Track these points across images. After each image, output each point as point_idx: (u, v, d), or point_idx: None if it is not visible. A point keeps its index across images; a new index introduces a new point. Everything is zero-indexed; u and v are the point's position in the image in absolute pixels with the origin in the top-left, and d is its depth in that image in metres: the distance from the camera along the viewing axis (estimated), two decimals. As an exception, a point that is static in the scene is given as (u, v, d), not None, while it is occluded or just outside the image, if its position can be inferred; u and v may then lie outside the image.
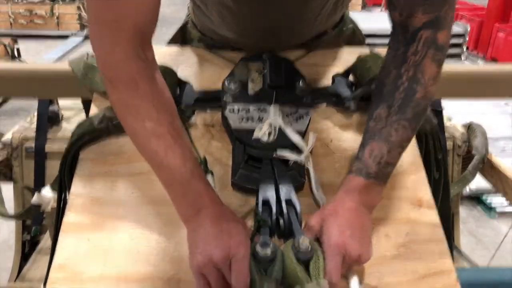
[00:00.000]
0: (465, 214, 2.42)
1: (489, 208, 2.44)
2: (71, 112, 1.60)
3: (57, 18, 4.74)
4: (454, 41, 4.33)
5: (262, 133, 0.67)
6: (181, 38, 0.88)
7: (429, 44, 0.59)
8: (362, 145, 0.62)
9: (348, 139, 0.74)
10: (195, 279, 0.56)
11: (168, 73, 0.71)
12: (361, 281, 0.59)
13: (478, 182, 2.24)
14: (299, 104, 0.72)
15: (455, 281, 0.60)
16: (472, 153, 1.52)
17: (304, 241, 0.56)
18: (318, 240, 0.58)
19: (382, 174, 0.60)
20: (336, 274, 0.55)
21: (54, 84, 0.85)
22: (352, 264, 0.58)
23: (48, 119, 1.61)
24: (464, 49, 4.47)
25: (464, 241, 1.86)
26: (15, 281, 1.57)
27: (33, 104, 1.60)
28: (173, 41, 0.89)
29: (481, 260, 1.76)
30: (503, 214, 2.41)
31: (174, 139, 0.57)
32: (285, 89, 0.73)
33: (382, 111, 0.61)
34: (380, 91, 0.62)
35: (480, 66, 1.00)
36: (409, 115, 0.59)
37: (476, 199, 2.53)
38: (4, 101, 3.19)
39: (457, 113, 1.77)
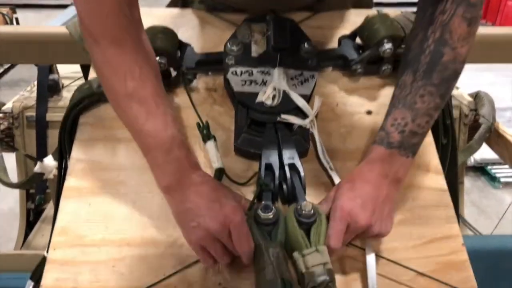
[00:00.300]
0: (469, 185, 2.42)
1: (493, 179, 2.43)
2: (72, 81, 1.58)
3: (57, -14, 4.64)
4: (462, 9, 4.22)
5: (266, 96, 0.65)
6: (181, 0, 0.85)
7: (459, 1, 0.54)
8: (386, 115, 0.59)
9: (354, 103, 0.72)
10: (197, 253, 0.54)
11: (169, 35, 0.69)
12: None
13: (483, 153, 2.23)
14: (304, 67, 0.69)
15: (461, 246, 0.60)
16: (479, 122, 1.50)
17: (307, 206, 0.55)
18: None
19: (407, 144, 0.57)
20: (335, 239, 0.53)
21: (52, 49, 0.83)
22: (361, 235, 0.56)
23: (49, 88, 1.59)
24: (473, 18, 4.37)
25: (467, 211, 1.87)
26: (20, 249, 1.59)
27: (34, 75, 1.59)
28: (173, 4, 0.86)
29: (484, 230, 1.76)
30: (507, 185, 2.40)
31: (157, 105, 0.54)
32: (290, 52, 0.70)
33: (407, 78, 0.58)
34: (406, 57, 0.59)
35: (492, 28, 0.96)
36: (436, 80, 0.56)
37: (481, 169, 2.53)
38: (5, 72, 3.17)
39: (464, 84, 1.74)
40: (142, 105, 0.54)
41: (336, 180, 0.63)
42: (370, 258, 0.56)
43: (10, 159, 1.59)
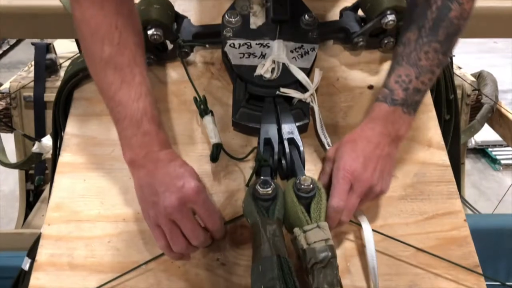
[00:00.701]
0: (470, 166, 2.42)
1: (493, 161, 2.43)
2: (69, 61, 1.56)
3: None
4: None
5: (264, 69, 0.63)
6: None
7: None
8: (389, 72, 0.58)
9: (355, 77, 0.70)
10: (151, 230, 0.52)
11: (165, 6, 0.67)
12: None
13: (484, 135, 2.22)
14: (305, 40, 0.67)
15: (463, 222, 0.58)
16: (481, 102, 1.48)
17: (306, 180, 0.53)
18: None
19: (411, 101, 0.56)
20: (338, 199, 0.52)
21: (46, 23, 0.81)
22: (363, 195, 0.54)
23: (46, 67, 1.57)
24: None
25: (467, 192, 1.87)
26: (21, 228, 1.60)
27: (32, 56, 1.56)
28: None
29: (484, 211, 1.76)
30: (507, 167, 2.40)
31: (133, 75, 0.52)
32: (290, 24, 0.68)
33: (411, 34, 0.56)
34: (411, 13, 0.58)
35: (496, 1, 0.94)
36: (441, 37, 0.55)
37: (481, 151, 2.52)
38: (3, 54, 3.14)
39: (465, 65, 1.72)
40: (117, 73, 0.52)
41: None
42: (368, 234, 0.55)
43: (8, 140, 1.58)
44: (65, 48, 1.62)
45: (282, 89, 0.63)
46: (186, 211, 0.50)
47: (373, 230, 0.56)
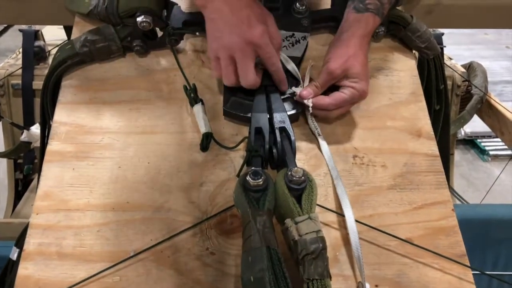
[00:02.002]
0: (459, 157, 2.44)
1: (482, 152, 2.46)
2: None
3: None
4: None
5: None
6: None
7: None
8: None
9: (346, 67, 0.70)
10: (211, 61, 0.60)
11: (154, -8, 0.66)
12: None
13: (473, 126, 2.24)
14: (296, 28, 0.67)
15: (451, 211, 0.59)
16: (471, 93, 1.49)
17: (298, 172, 0.53)
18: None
19: (381, 9, 0.64)
20: (316, 87, 0.62)
21: (32, 7, 0.79)
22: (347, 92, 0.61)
23: (34, 55, 1.55)
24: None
25: (456, 183, 1.88)
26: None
27: (20, 44, 1.53)
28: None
29: (473, 201, 1.78)
30: (496, 157, 2.43)
31: None
32: (281, 12, 0.67)
33: None
34: None
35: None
36: None
37: (470, 142, 2.54)
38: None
39: (456, 56, 1.72)
40: None
41: (323, 146, 0.62)
42: (351, 224, 0.55)
43: (-4, 131, 1.56)
44: (53, 36, 1.60)
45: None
46: (248, 52, 0.57)
47: (358, 221, 0.56)
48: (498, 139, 1.66)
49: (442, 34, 1.43)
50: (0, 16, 0.80)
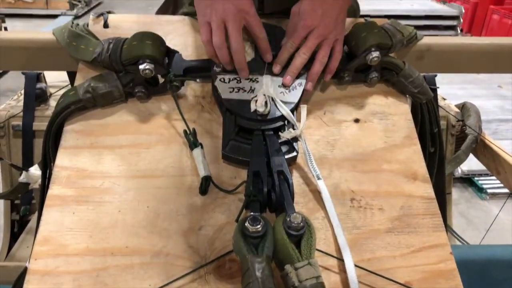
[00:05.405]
0: (457, 195, 2.44)
1: (480, 190, 2.46)
2: (59, 90, 1.56)
3: (46, -4, 4.64)
4: (448, 23, 4.31)
5: (259, 104, 0.65)
6: (173, 2, 0.86)
7: None
8: None
9: (342, 111, 0.72)
10: (200, 26, 0.67)
11: (156, 41, 0.69)
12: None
13: (470, 165, 2.25)
14: (292, 74, 0.69)
15: (449, 254, 0.59)
16: (465, 133, 1.51)
17: (296, 218, 0.54)
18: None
19: None
20: (292, 42, 0.67)
21: (38, 56, 0.82)
22: (320, 39, 0.67)
23: (36, 97, 1.57)
24: (459, 31, 4.45)
25: (455, 222, 1.88)
26: (4, 260, 1.56)
27: (21, 85, 1.56)
28: (164, 7, 0.86)
29: (472, 241, 1.77)
30: (494, 196, 2.43)
31: None
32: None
33: None
34: None
35: (476, 38, 0.98)
36: None
37: (468, 181, 2.55)
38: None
39: (449, 96, 1.76)
40: None
41: (322, 190, 0.63)
42: (350, 270, 0.55)
43: (-6, 171, 1.56)
44: (55, 78, 1.63)
45: (271, 126, 0.64)
46: (239, 18, 0.64)
47: (357, 266, 0.56)
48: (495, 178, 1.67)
49: (435, 75, 1.47)
50: (8, 64, 0.83)
